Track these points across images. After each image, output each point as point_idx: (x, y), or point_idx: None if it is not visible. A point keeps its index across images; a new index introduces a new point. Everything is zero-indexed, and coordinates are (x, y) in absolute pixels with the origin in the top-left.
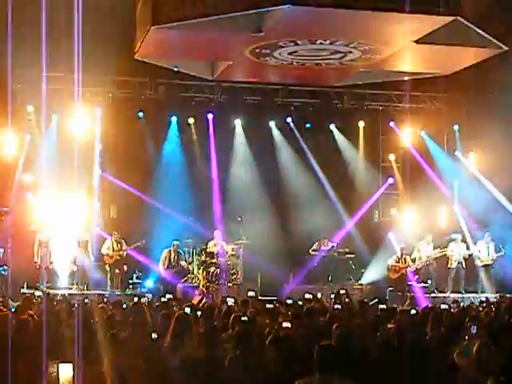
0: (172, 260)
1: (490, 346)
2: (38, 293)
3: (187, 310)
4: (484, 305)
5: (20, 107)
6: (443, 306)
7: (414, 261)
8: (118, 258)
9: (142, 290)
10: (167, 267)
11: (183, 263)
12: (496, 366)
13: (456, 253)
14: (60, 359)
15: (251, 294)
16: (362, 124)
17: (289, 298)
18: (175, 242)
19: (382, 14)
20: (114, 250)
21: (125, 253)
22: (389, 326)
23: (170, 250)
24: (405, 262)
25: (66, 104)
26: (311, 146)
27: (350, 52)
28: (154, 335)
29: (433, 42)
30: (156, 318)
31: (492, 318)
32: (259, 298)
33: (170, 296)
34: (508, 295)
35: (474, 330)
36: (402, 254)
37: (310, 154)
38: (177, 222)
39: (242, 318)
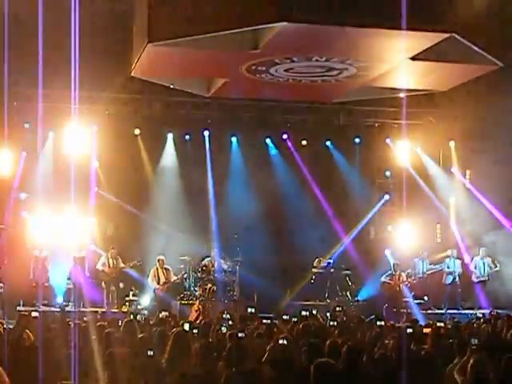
0: (160, 276)
1: (485, 362)
2: (34, 313)
3: (186, 326)
4: (481, 321)
5: (16, 124)
6: (439, 324)
7: (409, 277)
8: (114, 275)
9: (138, 307)
10: (158, 284)
11: (174, 278)
12: (493, 382)
13: (452, 269)
14: (57, 380)
15: (251, 310)
16: (358, 140)
17: (285, 314)
18: (160, 257)
19: (378, 30)
20: (109, 266)
21: (122, 270)
22: (386, 342)
23: (157, 267)
24: (398, 279)
25: (63, 121)
26: (307, 163)
27: (346, 69)
28: (150, 352)
29: (428, 58)
30: (152, 335)
31: (488, 333)
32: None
33: (166, 313)
34: (504, 311)
35: (474, 343)
36: (395, 270)
37: (307, 171)
38: (173, 239)
39: (239, 335)
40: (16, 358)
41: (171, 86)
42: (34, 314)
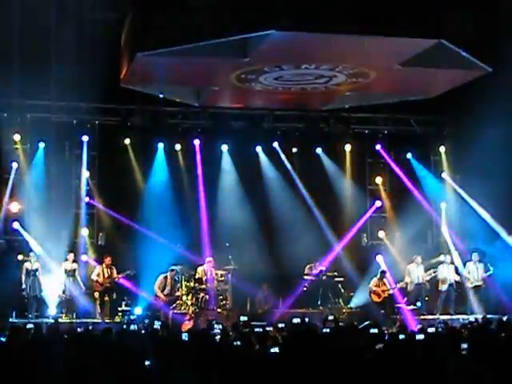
0: (166, 286)
1: (478, 367)
2: (29, 325)
3: (184, 335)
4: (474, 325)
5: (6, 135)
6: (430, 330)
7: (398, 283)
8: (108, 285)
9: (131, 317)
10: (161, 293)
11: (178, 293)
12: None
13: (446, 275)
14: None
15: (243, 318)
16: (348, 147)
17: (280, 322)
18: (174, 268)
19: (366, 37)
20: (104, 276)
21: (115, 280)
22: (377, 347)
23: (167, 276)
24: (384, 285)
25: (53, 132)
26: (298, 171)
27: (335, 76)
28: (147, 362)
29: (418, 64)
30: (146, 345)
31: (480, 338)
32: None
33: (159, 323)
34: (496, 316)
35: (464, 348)
36: (382, 278)
37: (298, 178)
38: (165, 249)
39: (233, 343)
40: (8, 372)
41: (161, 96)
42: (28, 325)
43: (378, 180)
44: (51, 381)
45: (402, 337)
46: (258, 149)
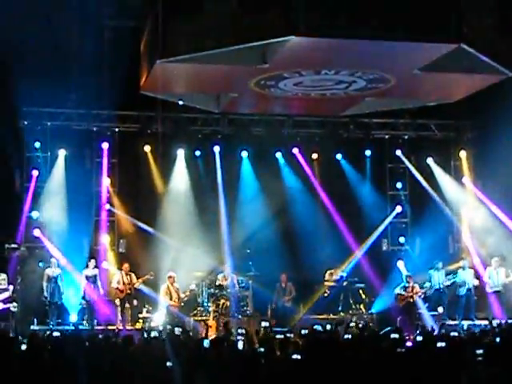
0: (172, 293)
1: (497, 372)
2: (55, 332)
3: (205, 342)
4: (496, 330)
5: (27, 143)
6: (453, 334)
7: (422, 288)
8: (129, 291)
9: (152, 324)
10: (170, 300)
11: (183, 295)
12: None
13: (466, 280)
14: None
15: (265, 324)
16: (368, 153)
17: (303, 329)
18: (170, 274)
19: (386, 42)
20: (124, 283)
21: (135, 286)
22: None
23: (168, 284)
24: (412, 290)
25: (73, 139)
26: (318, 176)
27: (355, 82)
28: (169, 363)
29: (437, 69)
30: (166, 351)
31: (502, 343)
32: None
33: (180, 330)
34: None
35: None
36: (408, 282)
37: (318, 184)
38: (185, 256)
39: (255, 350)
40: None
41: (181, 103)
42: (55, 333)
43: (399, 185)
44: None
45: (423, 342)
46: (278, 155)
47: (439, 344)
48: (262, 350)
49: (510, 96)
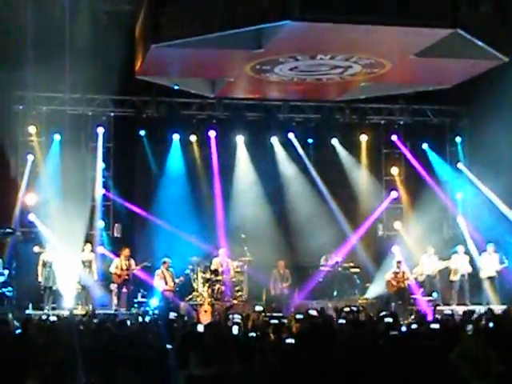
0: (167, 278)
1: (487, 348)
2: (51, 317)
3: (200, 327)
4: (489, 315)
5: (22, 128)
6: (447, 312)
7: (414, 274)
8: (126, 277)
9: (147, 308)
10: (166, 285)
11: (177, 280)
12: (494, 368)
13: (459, 265)
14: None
15: (259, 308)
16: (364, 138)
17: (297, 313)
18: (166, 259)
19: (381, 27)
20: (122, 268)
21: (133, 271)
22: (391, 333)
23: (162, 270)
24: (403, 276)
25: (68, 124)
26: (314, 161)
27: (351, 67)
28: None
29: (433, 54)
30: (161, 336)
31: (493, 325)
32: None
33: (175, 314)
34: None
35: (469, 330)
36: (398, 268)
37: (313, 169)
38: (180, 240)
39: (250, 335)
40: (23, 363)
41: (176, 87)
42: (52, 318)
43: (394, 171)
44: (66, 371)
45: (417, 326)
46: (274, 140)
47: (433, 326)
48: (254, 334)
49: (505, 82)
